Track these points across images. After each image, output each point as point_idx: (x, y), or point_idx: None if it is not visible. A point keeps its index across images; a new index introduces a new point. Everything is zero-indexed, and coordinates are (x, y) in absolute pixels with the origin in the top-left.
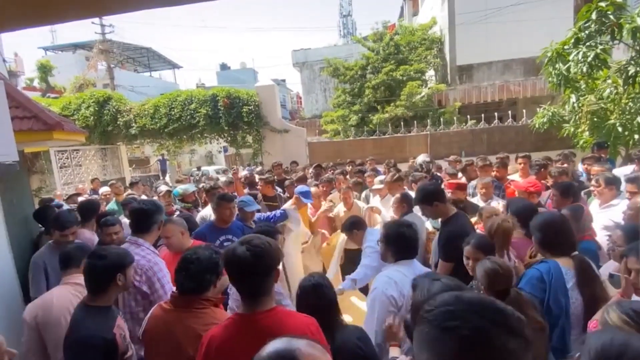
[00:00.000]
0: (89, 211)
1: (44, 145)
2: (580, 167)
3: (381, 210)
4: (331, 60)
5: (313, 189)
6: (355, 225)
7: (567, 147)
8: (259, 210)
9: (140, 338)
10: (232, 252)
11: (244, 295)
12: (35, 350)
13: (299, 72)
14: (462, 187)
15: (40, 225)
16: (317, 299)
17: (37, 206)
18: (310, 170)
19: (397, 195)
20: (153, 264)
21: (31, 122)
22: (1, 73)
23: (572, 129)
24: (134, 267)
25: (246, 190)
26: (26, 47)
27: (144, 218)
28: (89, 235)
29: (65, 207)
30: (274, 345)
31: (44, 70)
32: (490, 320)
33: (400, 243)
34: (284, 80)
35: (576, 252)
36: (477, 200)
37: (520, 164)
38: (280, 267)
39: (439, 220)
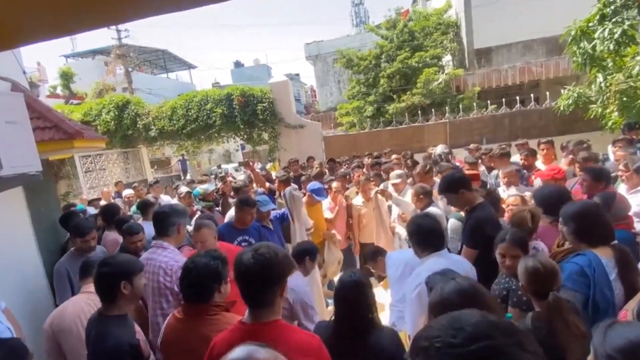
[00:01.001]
0: (112, 215)
1: (66, 153)
2: (609, 150)
3: (392, 194)
4: (344, 51)
5: (335, 184)
6: (377, 254)
7: (594, 130)
8: (273, 209)
9: (159, 348)
10: (240, 258)
11: (247, 303)
12: (55, 357)
13: (313, 65)
14: (474, 178)
15: (67, 231)
16: (357, 297)
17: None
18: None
19: (412, 190)
20: (182, 263)
21: (52, 132)
22: (22, 85)
23: (600, 110)
24: (164, 269)
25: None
26: (48, 55)
27: (161, 221)
28: (114, 237)
29: (91, 210)
30: (235, 354)
31: (66, 77)
32: (532, 352)
33: (420, 235)
34: (297, 75)
35: (615, 242)
36: (503, 191)
37: (542, 149)
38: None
39: (459, 211)
